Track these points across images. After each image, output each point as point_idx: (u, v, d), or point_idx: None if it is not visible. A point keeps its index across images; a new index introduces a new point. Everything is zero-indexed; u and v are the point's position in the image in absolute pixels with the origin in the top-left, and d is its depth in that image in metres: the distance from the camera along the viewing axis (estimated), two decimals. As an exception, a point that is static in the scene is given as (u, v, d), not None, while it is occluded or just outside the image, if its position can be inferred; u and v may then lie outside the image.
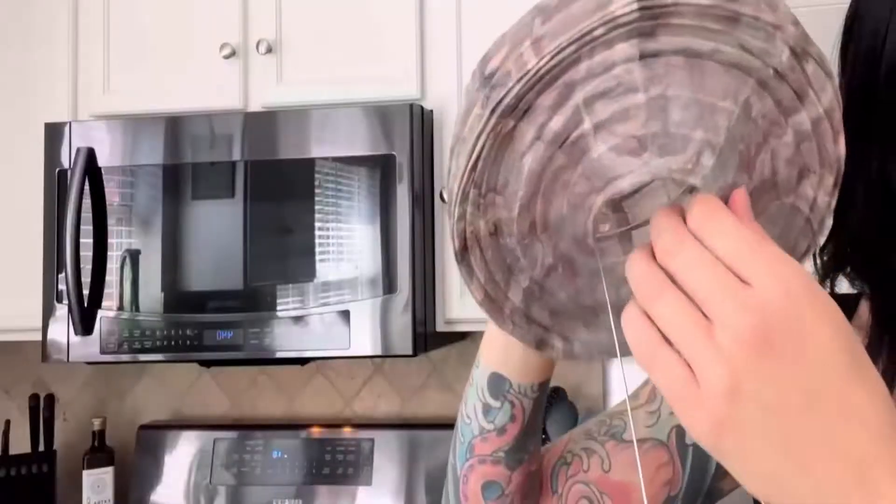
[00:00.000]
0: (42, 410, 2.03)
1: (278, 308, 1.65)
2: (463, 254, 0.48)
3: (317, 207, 1.66)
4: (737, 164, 0.44)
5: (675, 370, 0.38)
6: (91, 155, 1.71)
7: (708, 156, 0.42)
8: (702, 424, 0.38)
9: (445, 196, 0.48)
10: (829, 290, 0.64)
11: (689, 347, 0.38)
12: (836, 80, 0.49)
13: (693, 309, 0.38)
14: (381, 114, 1.66)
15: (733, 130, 0.42)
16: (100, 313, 1.70)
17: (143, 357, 1.69)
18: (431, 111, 1.74)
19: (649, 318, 0.39)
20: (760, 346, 0.36)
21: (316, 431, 2.00)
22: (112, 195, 1.72)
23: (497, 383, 0.62)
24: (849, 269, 0.63)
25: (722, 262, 0.38)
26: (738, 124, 0.43)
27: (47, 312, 1.72)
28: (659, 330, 0.39)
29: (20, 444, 2.10)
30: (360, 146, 1.66)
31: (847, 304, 0.63)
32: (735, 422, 0.37)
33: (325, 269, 1.65)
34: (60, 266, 1.71)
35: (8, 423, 2.01)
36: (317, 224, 1.66)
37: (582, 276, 0.49)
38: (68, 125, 1.75)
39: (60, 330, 1.71)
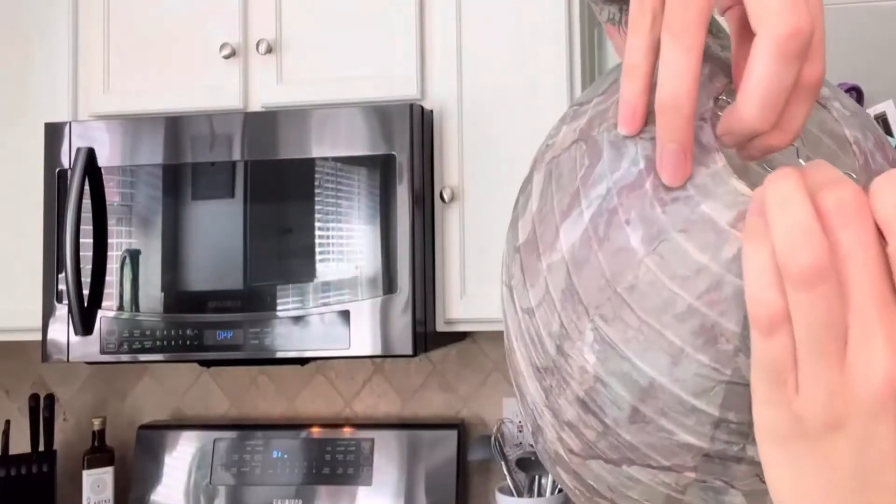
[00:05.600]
0: (42, 410, 2.03)
1: (278, 308, 1.65)
2: None
3: (317, 207, 1.66)
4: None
5: (782, 361, 0.32)
6: (91, 155, 1.71)
7: None
8: (774, 426, 0.32)
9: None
10: None
11: (813, 359, 0.31)
12: None
13: (840, 315, 0.31)
14: (381, 114, 1.66)
15: None
16: (100, 313, 1.70)
17: (143, 357, 1.69)
18: (431, 111, 1.74)
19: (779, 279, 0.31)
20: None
21: (316, 431, 2.01)
22: (112, 195, 1.72)
23: None
24: None
25: None
26: None
27: (47, 312, 1.72)
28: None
29: (20, 444, 2.10)
30: (360, 146, 1.66)
31: None
32: (806, 455, 0.32)
33: (325, 269, 1.65)
34: (60, 266, 1.71)
35: (8, 423, 2.01)
36: (317, 224, 1.66)
37: None
38: (68, 125, 1.75)
39: (60, 330, 1.71)
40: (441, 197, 1.71)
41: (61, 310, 1.71)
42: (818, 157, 0.45)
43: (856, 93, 1.31)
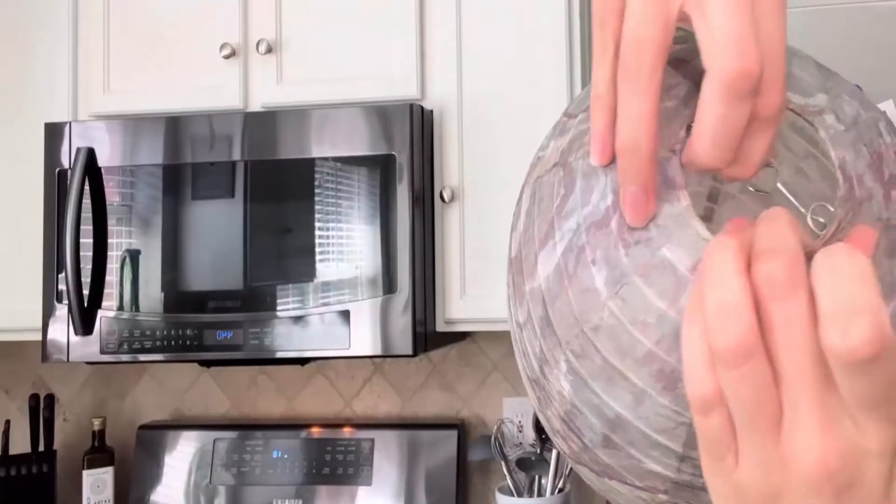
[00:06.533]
0: (42, 410, 2.03)
1: (278, 308, 1.65)
2: None
3: (317, 207, 1.66)
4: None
5: (720, 438, 0.32)
6: (91, 155, 1.71)
7: None
8: (718, 490, 0.33)
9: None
10: None
11: (749, 435, 0.31)
12: None
13: (772, 392, 0.30)
14: (381, 114, 1.66)
15: None
16: (100, 313, 1.70)
17: (143, 357, 1.69)
18: (431, 111, 1.74)
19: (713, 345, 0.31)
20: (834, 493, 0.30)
21: (316, 431, 2.01)
22: (112, 195, 1.72)
23: None
24: None
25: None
26: None
27: (47, 312, 1.72)
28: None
29: (20, 444, 2.10)
30: (360, 146, 1.66)
31: None
32: None
33: (325, 269, 1.65)
34: (60, 266, 1.71)
35: (8, 423, 2.01)
36: (317, 224, 1.66)
37: None
38: (68, 125, 1.75)
39: (60, 330, 1.71)
40: (441, 197, 1.71)
41: (61, 310, 1.71)
42: (799, 180, 0.44)
43: (856, 93, 1.31)
